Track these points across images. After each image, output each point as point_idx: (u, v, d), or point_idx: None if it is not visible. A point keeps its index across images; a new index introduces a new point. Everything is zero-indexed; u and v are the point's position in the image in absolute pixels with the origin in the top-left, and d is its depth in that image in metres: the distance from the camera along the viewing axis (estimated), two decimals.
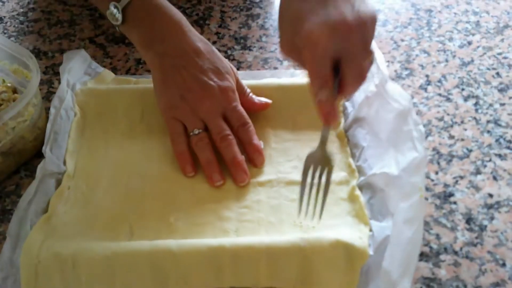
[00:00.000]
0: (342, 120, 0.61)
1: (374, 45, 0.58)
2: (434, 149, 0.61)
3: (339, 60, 0.47)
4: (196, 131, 0.58)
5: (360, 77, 0.48)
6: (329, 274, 0.47)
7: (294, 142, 0.61)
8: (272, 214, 0.53)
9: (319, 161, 0.51)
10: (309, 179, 0.51)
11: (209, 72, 0.59)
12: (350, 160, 0.57)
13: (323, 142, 0.51)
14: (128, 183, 0.57)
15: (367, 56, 0.48)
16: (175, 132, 0.59)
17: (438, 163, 0.60)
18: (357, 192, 0.54)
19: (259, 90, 0.63)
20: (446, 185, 0.58)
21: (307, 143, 0.60)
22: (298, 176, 0.56)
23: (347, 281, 0.47)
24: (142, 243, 0.48)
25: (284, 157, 0.59)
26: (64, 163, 0.57)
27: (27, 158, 0.60)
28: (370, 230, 0.50)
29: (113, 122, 0.62)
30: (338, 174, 0.56)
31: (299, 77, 0.67)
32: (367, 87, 0.59)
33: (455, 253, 0.52)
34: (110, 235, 0.51)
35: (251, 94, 0.63)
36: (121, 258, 0.47)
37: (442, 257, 0.52)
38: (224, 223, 0.53)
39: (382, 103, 0.56)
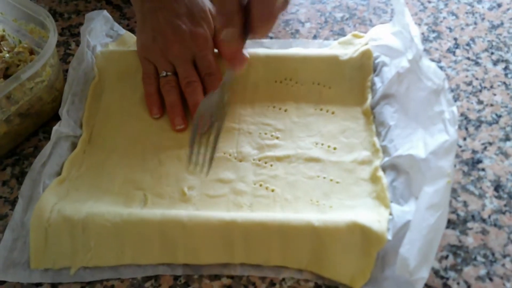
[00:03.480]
0: (369, 96, 0.58)
1: (407, 15, 0.54)
2: (462, 114, 0.59)
3: None
4: (164, 74, 0.58)
5: (270, 15, 0.46)
6: (343, 257, 0.45)
7: (317, 117, 0.58)
8: (288, 190, 0.51)
9: (214, 107, 0.50)
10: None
11: (183, 17, 0.59)
12: (375, 139, 0.54)
13: (223, 87, 0.49)
14: (143, 151, 0.55)
15: None
16: (145, 73, 0.60)
17: (466, 129, 0.58)
18: (380, 173, 0.51)
19: (283, 61, 0.60)
20: (474, 152, 0.56)
21: (331, 119, 0.57)
22: (318, 153, 0.54)
23: (361, 265, 0.45)
24: (153, 213, 0.47)
25: (305, 132, 0.57)
26: (81, 126, 0.56)
27: (45, 120, 0.59)
28: (390, 214, 0.47)
29: (132, 88, 0.61)
30: (360, 153, 0.54)
31: (327, 48, 0.63)
32: (399, 62, 0.55)
33: (483, 220, 0.50)
34: (123, 202, 0.51)
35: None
36: (131, 226, 0.46)
37: (470, 224, 0.50)
38: (239, 197, 0.51)
39: (414, 80, 0.52)
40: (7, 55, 0.58)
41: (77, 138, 0.55)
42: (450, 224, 0.50)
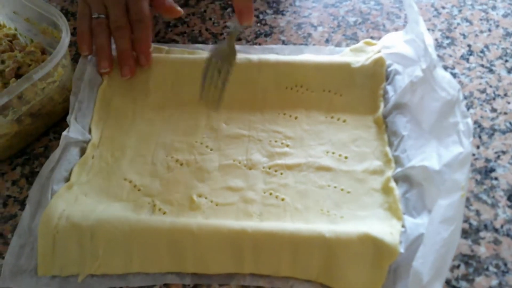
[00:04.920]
0: (382, 105, 0.57)
1: (421, 24, 0.54)
2: (475, 122, 0.59)
3: None
4: (96, 15, 0.59)
5: None
6: (355, 269, 0.45)
7: (328, 125, 0.57)
8: (298, 200, 0.51)
9: (223, 55, 0.53)
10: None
11: None
12: (387, 148, 0.53)
13: (232, 37, 0.54)
14: (153, 156, 0.55)
15: None
16: (80, 12, 0.60)
17: (480, 137, 0.57)
18: (392, 184, 0.50)
19: (294, 68, 0.60)
20: (487, 160, 0.55)
21: (342, 128, 0.57)
22: (329, 162, 0.54)
23: (373, 278, 0.44)
24: (162, 221, 0.47)
25: (316, 140, 0.56)
26: (90, 131, 0.56)
27: (56, 120, 0.59)
28: (403, 226, 0.47)
29: (143, 92, 0.60)
30: (372, 162, 0.53)
31: (339, 55, 0.62)
32: (412, 71, 0.55)
33: (496, 230, 0.50)
34: (132, 209, 0.50)
35: None
36: (139, 234, 0.46)
37: (482, 234, 0.50)
38: (248, 205, 0.51)
39: (427, 90, 0.52)
40: (19, 54, 0.58)
41: (86, 143, 0.55)
42: (463, 233, 0.50)
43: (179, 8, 0.62)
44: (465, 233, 0.50)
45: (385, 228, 0.46)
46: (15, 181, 0.55)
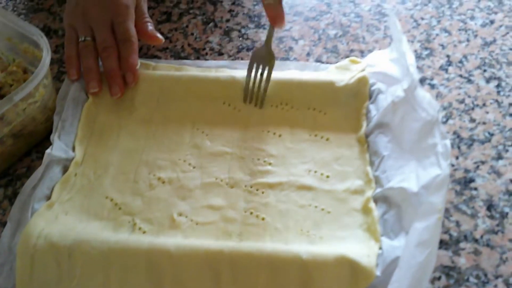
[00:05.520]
0: (364, 124, 0.57)
1: (404, 43, 0.54)
2: (454, 133, 0.59)
3: None
4: (83, 38, 0.60)
5: None
6: None
7: (311, 143, 0.57)
8: (278, 219, 0.51)
9: (264, 58, 0.59)
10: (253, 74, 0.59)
11: None
12: (368, 168, 0.53)
13: (269, 40, 0.59)
14: (136, 173, 0.55)
15: None
16: (67, 37, 0.62)
17: (459, 148, 0.58)
18: (371, 204, 0.50)
19: (279, 86, 0.60)
20: (466, 171, 0.56)
21: (326, 146, 0.57)
22: (310, 181, 0.54)
23: None
24: (140, 241, 0.47)
25: (298, 158, 0.56)
26: (73, 149, 0.56)
27: (39, 139, 0.59)
28: (380, 248, 0.47)
29: (129, 109, 0.60)
30: (353, 182, 0.53)
31: (324, 72, 0.63)
32: (395, 90, 0.55)
33: (475, 241, 0.50)
34: (111, 227, 0.50)
35: (148, 22, 0.64)
36: (117, 254, 0.46)
37: (462, 245, 0.50)
38: (228, 224, 0.51)
39: (408, 110, 0.52)
40: (0, 74, 0.58)
41: (69, 161, 0.55)
42: (443, 244, 0.50)
43: (160, 36, 0.64)
44: (445, 244, 0.50)
45: (363, 250, 0.46)
46: None
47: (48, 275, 0.46)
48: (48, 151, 0.53)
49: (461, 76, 0.65)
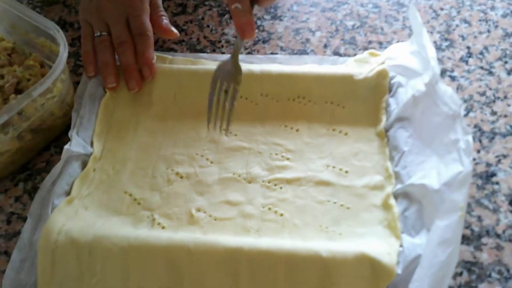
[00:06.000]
0: (384, 118, 0.56)
1: (425, 36, 0.53)
2: (475, 126, 0.58)
3: None
4: (98, 33, 0.60)
5: None
6: None
7: (329, 138, 0.57)
8: (297, 215, 0.51)
9: (229, 75, 0.53)
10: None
11: None
12: (388, 163, 0.53)
13: (235, 55, 0.53)
14: (154, 168, 0.55)
15: None
16: (83, 33, 0.62)
17: (480, 141, 0.57)
18: (392, 201, 0.49)
19: (296, 79, 0.59)
20: (488, 165, 0.55)
21: (344, 140, 0.56)
22: (329, 176, 0.53)
23: None
24: (159, 238, 0.47)
25: (316, 153, 0.55)
26: (91, 144, 0.56)
27: (57, 134, 0.60)
28: (401, 245, 0.46)
29: (146, 104, 0.60)
30: (373, 177, 0.52)
31: (342, 65, 0.62)
32: (415, 85, 0.54)
33: (498, 236, 0.50)
34: (131, 222, 0.51)
35: (163, 16, 0.63)
36: (137, 251, 0.46)
37: (484, 240, 0.50)
38: (247, 220, 0.50)
39: (429, 105, 0.51)
40: (18, 69, 0.58)
41: (88, 156, 0.55)
42: (465, 239, 0.49)
43: (175, 30, 0.63)
44: (467, 240, 0.49)
45: (383, 248, 0.46)
46: (18, 198, 0.55)
47: (69, 271, 0.47)
48: (66, 146, 0.53)
49: (482, 68, 0.63)
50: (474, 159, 0.55)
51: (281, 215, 0.51)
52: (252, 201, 0.52)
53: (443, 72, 0.63)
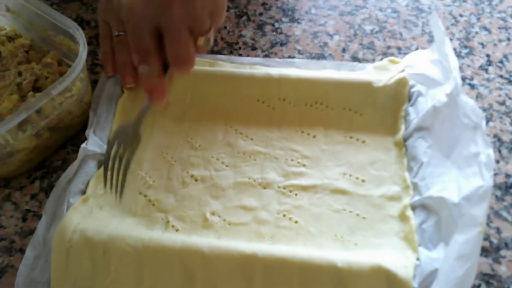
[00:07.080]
0: (403, 127, 0.55)
1: (447, 45, 0.52)
2: (495, 136, 0.58)
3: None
4: (116, 33, 0.59)
5: (185, 56, 0.46)
6: None
7: (346, 146, 0.56)
8: (312, 223, 0.50)
9: (127, 140, 0.50)
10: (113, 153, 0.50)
11: None
12: (406, 174, 0.52)
13: (138, 121, 0.50)
14: (169, 170, 0.55)
15: (198, 33, 0.46)
16: (101, 33, 0.61)
17: (499, 151, 0.56)
18: (409, 212, 0.49)
19: (314, 84, 0.59)
20: (507, 176, 0.54)
21: (361, 149, 0.56)
22: (345, 185, 0.53)
23: None
24: (174, 240, 0.47)
25: (333, 161, 0.55)
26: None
27: (74, 133, 0.60)
28: (418, 258, 0.45)
29: (163, 104, 0.60)
30: (390, 187, 0.52)
31: (361, 72, 0.61)
32: (435, 95, 0.53)
33: None
34: (145, 223, 0.51)
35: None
36: (151, 252, 0.46)
37: (503, 252, 0.49)
38: (261, 226, 0.50)
39: (450, 116, 0.50)
40: (36, 66, 0.59)
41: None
42: (483, 251, 0.49)
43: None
44: (485, 252, 0.49)
45: (400, 260, 0.45)
46: (34, 195, 0.55)
47: (83, 270, 0.47)
48: (83, 145, 0.54)
49: (501, 76, 0.63)
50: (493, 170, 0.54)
51: (296, 222, 0.50)
52: (267, 207, 0.52)
53: (462, 80, 0.62)
